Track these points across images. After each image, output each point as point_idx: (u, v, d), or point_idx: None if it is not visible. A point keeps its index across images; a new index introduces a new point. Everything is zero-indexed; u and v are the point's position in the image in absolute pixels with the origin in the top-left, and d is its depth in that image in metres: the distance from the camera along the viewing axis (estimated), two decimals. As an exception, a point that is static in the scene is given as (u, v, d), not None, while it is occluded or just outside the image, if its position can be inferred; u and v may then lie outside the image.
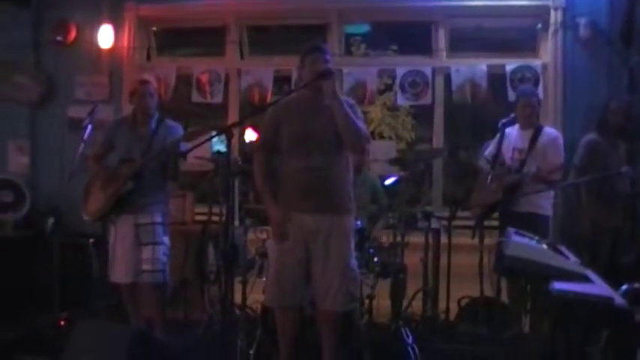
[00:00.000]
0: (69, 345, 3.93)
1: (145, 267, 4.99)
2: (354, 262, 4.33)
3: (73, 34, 7.28)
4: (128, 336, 3.81)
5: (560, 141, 5.53)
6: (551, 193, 5.51)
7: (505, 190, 5.36)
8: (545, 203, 5.47)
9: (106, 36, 7.20)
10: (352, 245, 4.36)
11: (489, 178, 5.23)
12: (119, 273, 5.05)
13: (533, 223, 4.94)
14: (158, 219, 5.07)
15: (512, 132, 5.59)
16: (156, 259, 5.01)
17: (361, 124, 4.28)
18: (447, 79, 6.81)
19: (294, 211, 4.27)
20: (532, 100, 5.66)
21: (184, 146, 4.92)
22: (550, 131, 5.62)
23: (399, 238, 5.41)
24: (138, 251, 5.02)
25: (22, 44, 7.32)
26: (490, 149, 5.67)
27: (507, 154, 5.55)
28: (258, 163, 4.44)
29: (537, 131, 5.52)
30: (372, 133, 9.33)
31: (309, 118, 4.27)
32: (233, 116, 7.19)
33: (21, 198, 6.91)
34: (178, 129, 5.24)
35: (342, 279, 4.20)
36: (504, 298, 5.45)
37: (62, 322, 5.39)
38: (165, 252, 5.09)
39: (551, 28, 6.51)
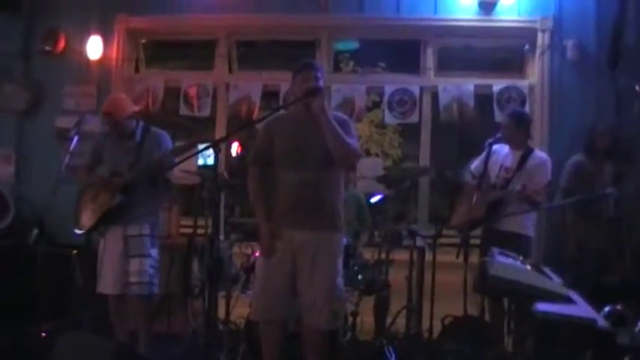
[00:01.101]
0: (52, 357, 3.90)
1: (133, 279, 4.98)
2: (340, 281, 4.29)
3: (62, 44, 7.22)
4: (111, 349, 3.78)
5: (549, 165, 5.48)
6: (534, 213, 5.50)
7: (488, 207, 5.37)
8: (527, 223, 5.44)
9: (95, 47, 7.15)
10: (340, 263, 4.33)
11: (475, 196, 5.24)
12: (106, 284, 5.04)
13: (514, 242, 4.95)
14: (146, 231, 5.07)
15: (502, 150, 5.57)
16: (143, 271, 5.00)
17: (353, 141, 4.28)
18: (435, 97, 6.83)
19: (283, 226, 4.26)
20: (506, 121, 5.63)
21: (172, 159, 4.93)
22: (540, 155, 5.59)
23: (383, 256, 5.41)
24: (126, 263, 5.01)
25: (12, 53, 7.29)
26: (476, 164, 5.67)
27: (494, 171, 5.52)
28: (252, 177, 4.42)
29: (527, 152, 5.52)
30: (359, 149, 9.34)
31: (302, 133, 4.27)
32: (220, 130, 7.18)
33: (5, 207, 6.84)
34: (165, 137, 5.23)
35: (327, 297, 4.17)
36: (488, 317, 5.46)
37: (45, 334, 5.34)
38: (152, 264, 5.08)
39: (539, 50, 6.55)
